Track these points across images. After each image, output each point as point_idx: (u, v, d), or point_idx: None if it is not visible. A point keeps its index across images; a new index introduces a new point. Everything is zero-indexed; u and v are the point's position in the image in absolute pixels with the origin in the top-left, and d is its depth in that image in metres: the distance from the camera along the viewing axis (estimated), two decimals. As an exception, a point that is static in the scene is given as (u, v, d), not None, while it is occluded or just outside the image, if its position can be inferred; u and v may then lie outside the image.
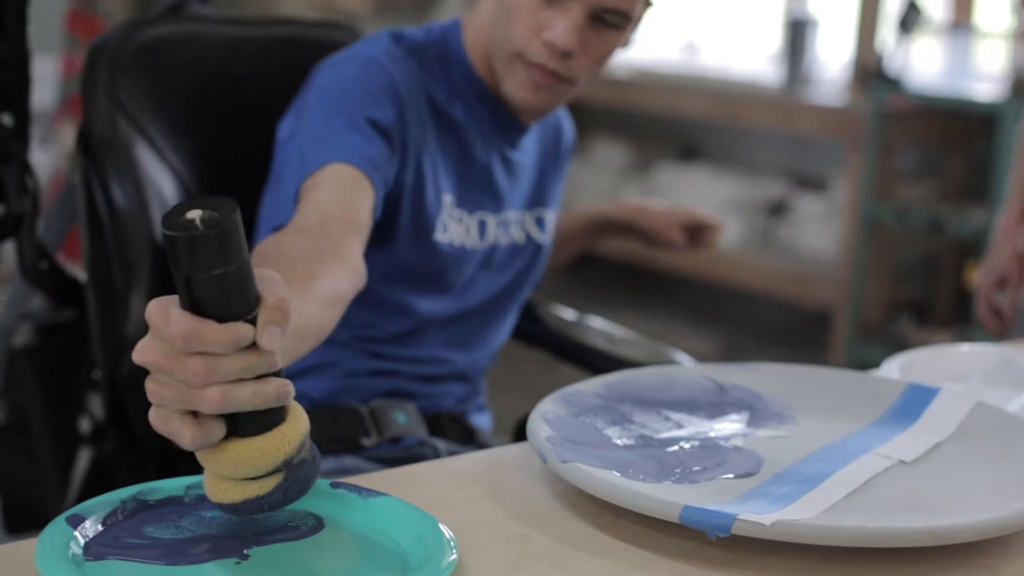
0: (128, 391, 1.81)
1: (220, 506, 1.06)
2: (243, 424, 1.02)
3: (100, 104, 1.80)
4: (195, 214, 0.95)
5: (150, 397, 0.99)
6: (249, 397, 0.99)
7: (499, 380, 2.24)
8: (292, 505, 1.10)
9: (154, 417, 1.00)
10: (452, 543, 1.07)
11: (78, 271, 1.91)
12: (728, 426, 1.38)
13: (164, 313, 0.96)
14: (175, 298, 0.98)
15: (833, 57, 5.25)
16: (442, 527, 1.09)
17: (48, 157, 4.46)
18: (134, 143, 1.81)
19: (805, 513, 1.13)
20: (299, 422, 1.06)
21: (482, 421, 1.93)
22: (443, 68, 1.79)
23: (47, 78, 4.70)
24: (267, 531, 1.10)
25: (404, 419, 1.76)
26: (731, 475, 1.24)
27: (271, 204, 1.76)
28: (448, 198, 1.78)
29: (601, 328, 2.13)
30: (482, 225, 1.83)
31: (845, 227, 4.68)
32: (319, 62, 1.78)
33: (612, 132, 5.88)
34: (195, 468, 1.05)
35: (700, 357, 2.13)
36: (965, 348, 1.74)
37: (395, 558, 1.07)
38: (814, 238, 5.03)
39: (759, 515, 1.10)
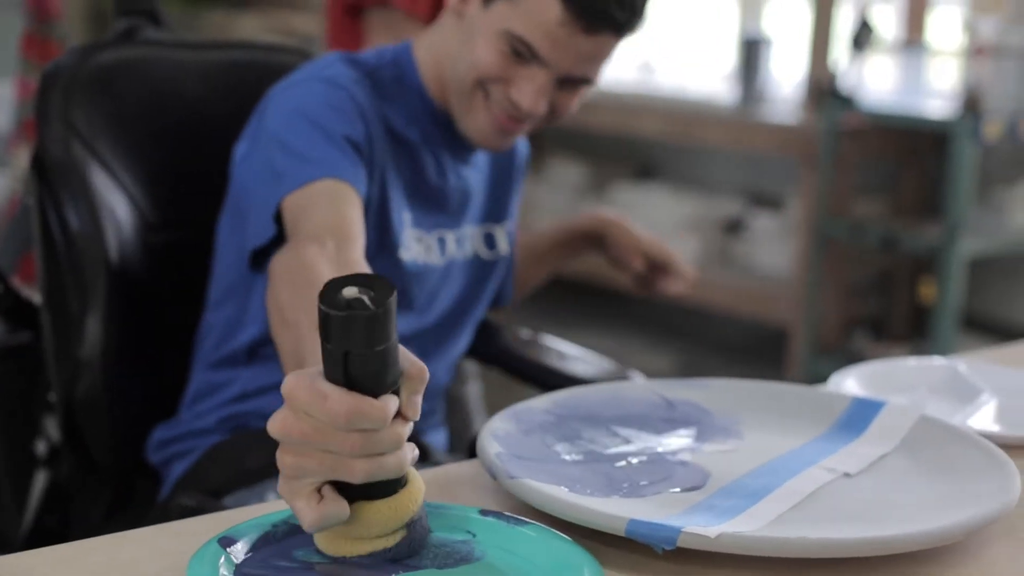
0: (84, 413, 1.81)
1: (339, 559, 1.08)
2: (378, 488, 1.05)
3: (54, 128, 1.81)
4: (354, 291, 0.97)
5: (284, 469, 1.01)
6: (396, 466, 1.02)
7: (455, 398, 2.26)
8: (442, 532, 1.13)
9: (285, 487, 1.02)
10: (598, 571, 1.07)
11: (33, 294, 1.91)
12: (675, 441, 1.39)
13: (317, 391, 0.98)
14: (316, 371, 1.00)
15: (787, 76, 5.28)
16: (587, 555, 1.09)
17: (4, 180, 4.45)
18: (88, 166, 1.81)
19: (750, 525, 1.14)
20: (420, 481, 1.09)
21: (438, 439, 1.95)
22: (398, 91, 1.81)
23: (3, 101, 4.70)
24: (417, 557, 1.11)
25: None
26: (678, 489, 1.26)
27: (232, 225, 1.76)
28: (407, 217, 1.79)
29: (554, 346, 2.14)
30: (441, 242, 1.85)
31: (801, 244, 4.70)
32: (272, 84, 1.80)
33: (568, 152, 5.90)
34: (151, 492, 1.05)
35: (658, 375, 2.15)
36: (912, 362, 1.76)
37: None
38: (770, 255, 5.06)
39: (704, 528, 1.11)
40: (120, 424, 1.86)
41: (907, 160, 4.89)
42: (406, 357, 1.03)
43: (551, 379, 2.00)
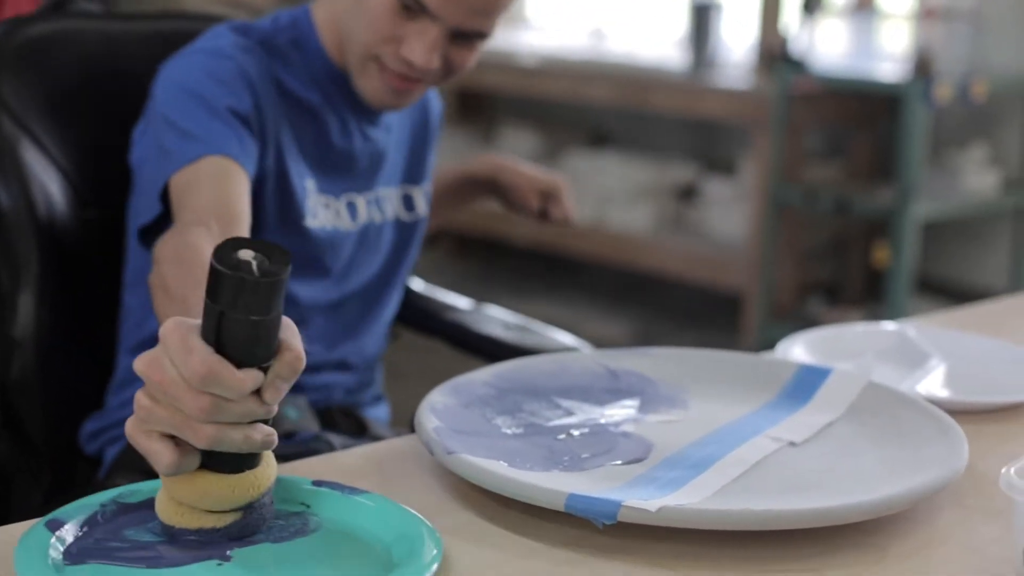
0: (18, 394, 1.77)
1: (169, 528, 1.06)
2: (221, 461, 1.03)
3: (-18, 104, 1.77)
4: (249, 255, 0.96)
5: (138, 410, 1.00)
6: (240, 441, 1.01)
7: (399, 370, 2.23)
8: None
9: (134, 429, 1.01)
10: (436, 540, 1.06)
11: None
12: (619, 412, 1.37)
13: (186, 343, 0.97)
14: (196, 324, 0.98)
15: (738, 41, 5.27)
16: (426, 523, 1.08)
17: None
18: (19, 142, 1.77)
19: (692, 498, 1.12)
20: (270, 469, 1.08)
21: (378, 412, 1.92)
22: (296, 55, 1.77)
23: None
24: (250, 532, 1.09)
25: (295, 414, 1.74)
26: (619, 461, 1.23)
27: (135, 205, 1.74)
28: (311, 183, 1.76)
29: (497, 316, 2.11)
30: (351, 207, 1.81)
31: (754, 210, 4.69)
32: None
33: (520, 120, 5.88)
34: (91, 474, 1.03)
35: (612, 343, 2.12)
36: (860, 327, 1.74)
37: (378, 556, 1.07)
38: (724, 221, 5.05)
39: (645, 501, 1.09)
40: (55, 405, 1.83)
41: (859, 124, 4.88)
42: (289, 341, 1.01)
43: (494, 350, 1.97)
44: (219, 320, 0.96)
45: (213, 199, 1.53)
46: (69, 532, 1.05)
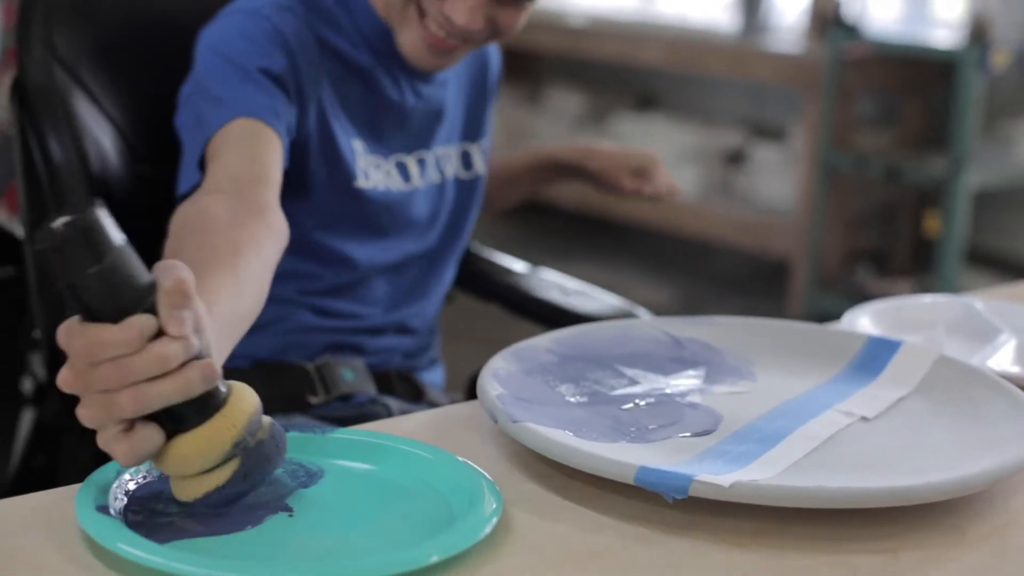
0: (69, 350, 1.76)
1: (186, 504, 1.02)
2: (180, 419, 0.98)
3: (35, 54, 1.75)
4: (58, 223, 0.90)
5: (84, 423, 0.95)
6: (169, 390, 0.94)
7: (454, 333, 2.20)
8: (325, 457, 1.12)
9: (99, 441, 0.96)
10: (496, 493, 1.05)
11: (16, 227, 1.86)
12: (685, 382, 1.33)
13: (65, 331, 0.92)
14: (75, 319, 0.93)
15: (790, 4, 5.21)
16: (485, 476, 1.08)
17: (-9, 110, 4.38)
18: (71, 94, 1.75)
19: (764, 473, 1.09)
20: (243, 401, 1.01)
21: (434, 377, 1.89)
22: (344, 14, 1.73)
23: (-11, 29, 4.62)
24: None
25: (352, 376, 1.72)
26: (688, 433, 1.20)
27: (181, 173, 1.71)
28: (359, 144, 1.72)
29: (554, 280, 2.08)
30: (401, 167, 1.78)
31: (803, 176, 4.65)
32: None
33: (568, 81, 5.84)
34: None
35: (657, 308, 2.08)
36: (927, 299, 1.70)
37: (438, 506, 1.07)
38: (772, 187, 5.00)
39: (717, 476, 1.06)
40: (106, 361, 1.81)
41: (912, 91, 4.82)
42: (164, 271, 0.95)
43: (553, 315, 1.94)
44: (73, 295, 0.92)
45: (237, 163, 1.50)
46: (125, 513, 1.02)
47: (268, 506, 1.04)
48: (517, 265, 2.13)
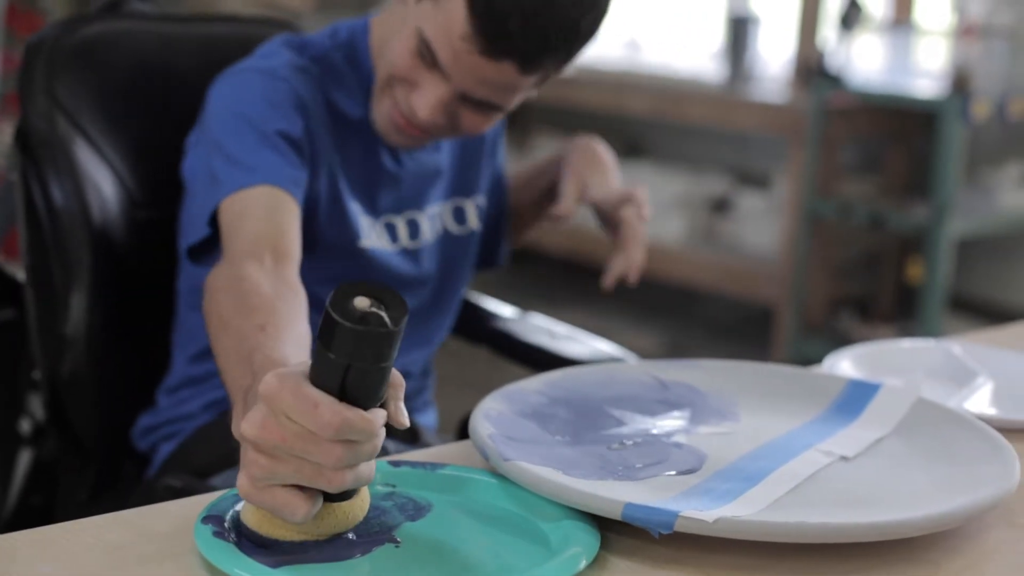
0: (68, 391, 1.79)
1: (262, 537, 1.06)
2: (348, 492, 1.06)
3: (38, 101, 1.79)
4: (366, 304, 0.96)
5: (251, 468, 0.99)
6: (368, 477, 1.03)
7: (445, 377, 2.24)
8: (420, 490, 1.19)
9: (250, 487, 1.01)
10: (593, 526, 1.11)
11: (17, 270, 1.89)
12: (670, 423, 1.37)
13: (305, 397, 0.97)
14: (299, 374, 0.99)
15: (775, 54, 5.26)
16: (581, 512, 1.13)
17: (-10, 155, 4.41)
18: (72, 141, 1.79)
19: (747, 509, 1.13)
20: (367, 492, 1.11)
21: (427, 419, 1.92)
22: (351, 72, 1.76)
23: (-13, 75, 4.65)
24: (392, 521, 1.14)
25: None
26: (673, 472, 1.24)
27: (184, 222, 1.74)
28: (356, 206, 1.76)
29: (543, 325, 2.12)
30: (390, 227, 1.81)
31: (787, 223, 4.69)
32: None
33: (554, 129, 5.88)
34: (136, 471, 1.03)
35: (644, 353, 2.12)
36: (907, 343, 1.74)
37: (535, 536, 1.12)
38: (757, 234, 5.04)
39: (701, 512, 1.09)
40: (105, 402, 1.84)
41: (895, 140, 4.88)
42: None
43: (542, 359, 1.98)
44: (345, 371, 0.97)
45: (264, 231, 1.52)
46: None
47: (376, 538, 1.09)
48: (507, 310, 2.17)
